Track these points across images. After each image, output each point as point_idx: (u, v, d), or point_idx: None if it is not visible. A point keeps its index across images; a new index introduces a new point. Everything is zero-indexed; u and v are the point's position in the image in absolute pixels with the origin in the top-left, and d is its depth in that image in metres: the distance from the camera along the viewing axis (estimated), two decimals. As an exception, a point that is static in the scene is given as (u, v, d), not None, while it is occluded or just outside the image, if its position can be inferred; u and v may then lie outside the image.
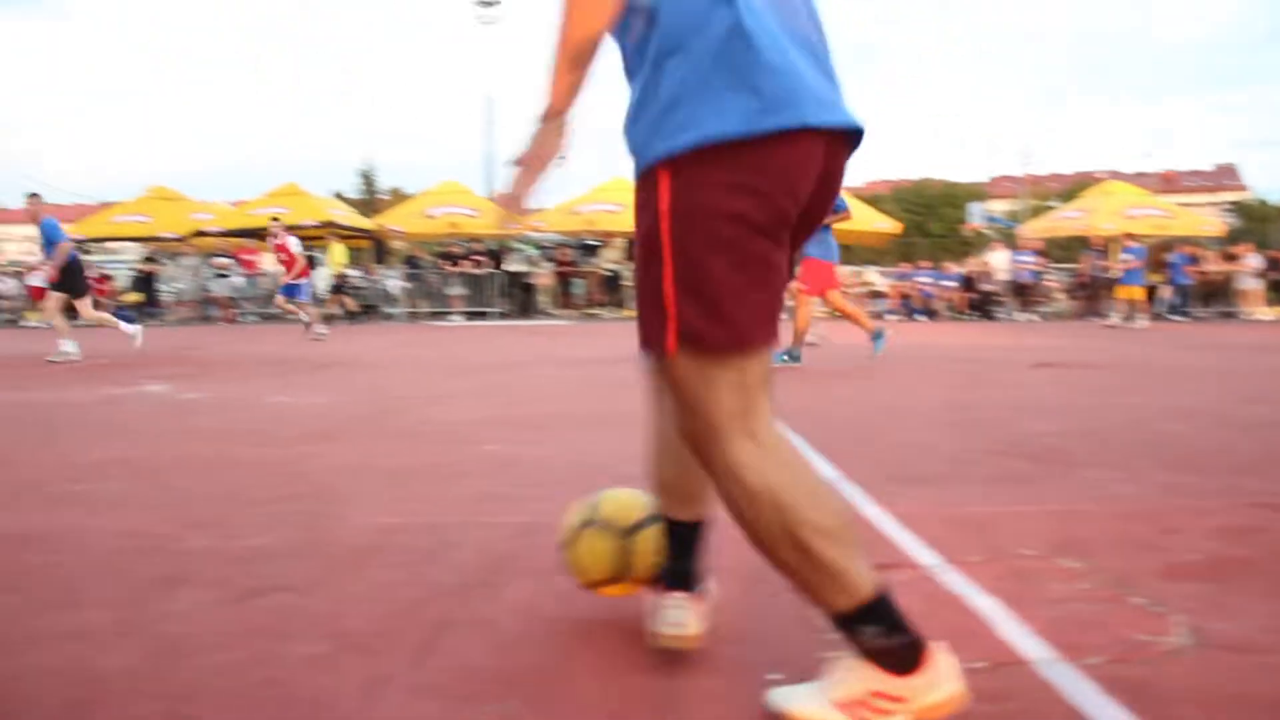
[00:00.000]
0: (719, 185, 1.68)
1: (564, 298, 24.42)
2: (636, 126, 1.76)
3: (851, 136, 1.81)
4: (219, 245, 25.62)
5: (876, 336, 9.82)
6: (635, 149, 1.77)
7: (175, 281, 25.86)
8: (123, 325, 12.17)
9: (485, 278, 23.39)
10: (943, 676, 1.75)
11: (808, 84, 1.71)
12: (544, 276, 24.49)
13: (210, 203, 26.73)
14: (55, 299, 11.52)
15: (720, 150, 1.66)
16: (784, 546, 1.73)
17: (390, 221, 25.92)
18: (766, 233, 1.71)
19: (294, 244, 16.05)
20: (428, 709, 1.92)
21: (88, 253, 26.51)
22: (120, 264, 28.40)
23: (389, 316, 23.31)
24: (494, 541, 3.11)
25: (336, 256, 22.60)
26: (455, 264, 23.84)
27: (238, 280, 24.59)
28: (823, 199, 1.82)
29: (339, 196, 40.73)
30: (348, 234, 25.02)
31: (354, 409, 6.54)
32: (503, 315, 22.57)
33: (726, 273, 1.69)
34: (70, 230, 26.90)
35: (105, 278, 24.57)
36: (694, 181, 1.68)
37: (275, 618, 2.45)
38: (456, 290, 23.43)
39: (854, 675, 1.76)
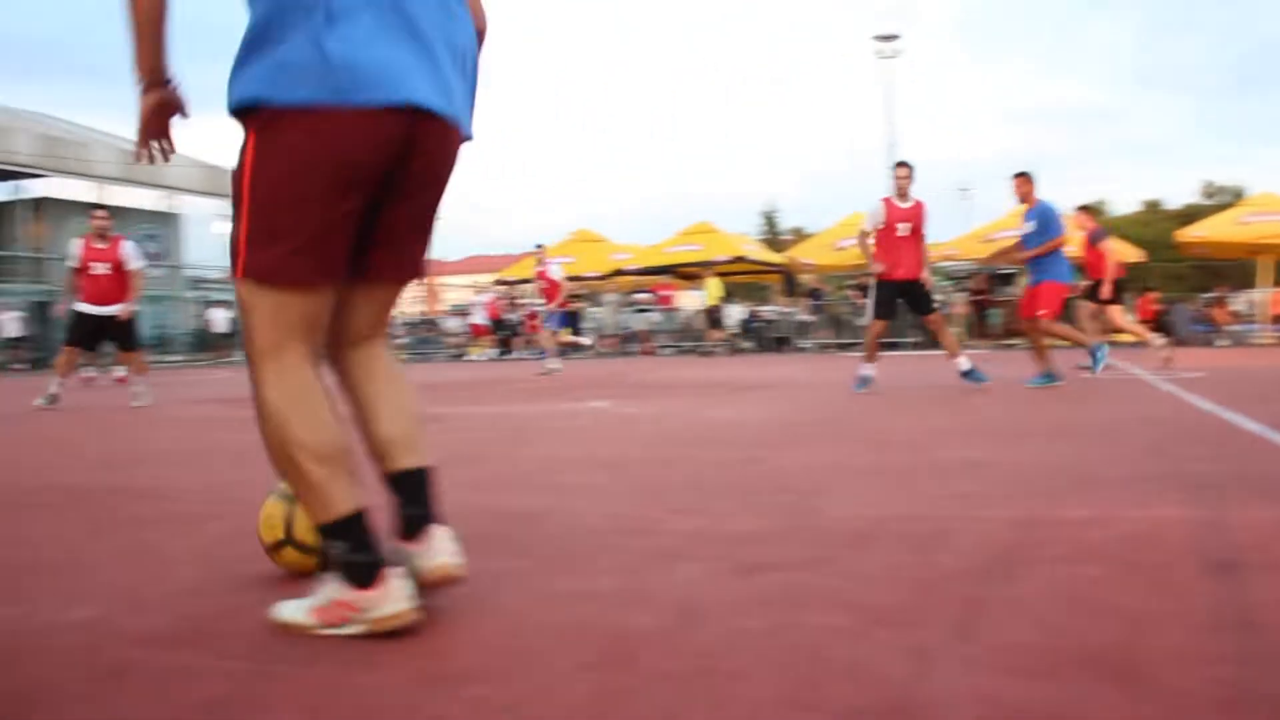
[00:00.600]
0: (278, 142, 1.90)
1: (980, 327, 23.52)
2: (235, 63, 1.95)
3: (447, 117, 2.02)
4: (637, 283, 26.90)
5: (1045, 377, 8.99)
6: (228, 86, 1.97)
7: (597, 317, 27.43)
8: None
9: (897, 308, 22.91)
10: (394, 596, 1.98)
11: (372, 56, 1.88)
12: (957, 306, 23.71)
13: (628, 244, 28.15)
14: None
15: (267, 112, 1.90)
16: (281, 459, 2.02)
17: (801, 255, 26.12)
18: (327, 189, 1.92)
19: (555, 271, 15.55)
20: (985, 682, 1.71)
21: (520, 294, 28.78)
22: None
23: (800, 348, 23.43)
24: (990, 532, 2.87)
25: (713, 291, 23.05)
26: (866, 295, 23.59)
27: (655, 315, 25.71)
28: (423, 169, 2.04)
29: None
30: (757, 269, 25.49)
31: (801, 420, 6.55)
32: (914, 345, 22.02)
33: (287, 218, 1.93)
34: (505, 273, 29.31)
35: (534, 314, 26.45)
36: (263, 134, 1.91)
37: (782, 591, 2.34)
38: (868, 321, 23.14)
39: (328, 587, 2.04)
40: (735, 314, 24.84)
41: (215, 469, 4.90)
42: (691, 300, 27.72)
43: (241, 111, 1.93)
